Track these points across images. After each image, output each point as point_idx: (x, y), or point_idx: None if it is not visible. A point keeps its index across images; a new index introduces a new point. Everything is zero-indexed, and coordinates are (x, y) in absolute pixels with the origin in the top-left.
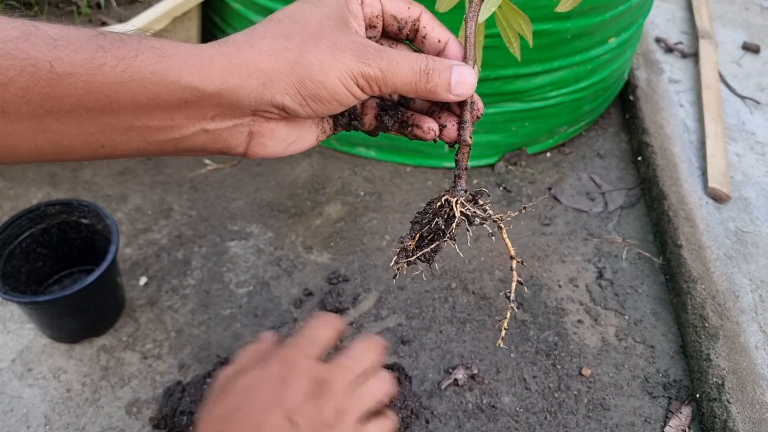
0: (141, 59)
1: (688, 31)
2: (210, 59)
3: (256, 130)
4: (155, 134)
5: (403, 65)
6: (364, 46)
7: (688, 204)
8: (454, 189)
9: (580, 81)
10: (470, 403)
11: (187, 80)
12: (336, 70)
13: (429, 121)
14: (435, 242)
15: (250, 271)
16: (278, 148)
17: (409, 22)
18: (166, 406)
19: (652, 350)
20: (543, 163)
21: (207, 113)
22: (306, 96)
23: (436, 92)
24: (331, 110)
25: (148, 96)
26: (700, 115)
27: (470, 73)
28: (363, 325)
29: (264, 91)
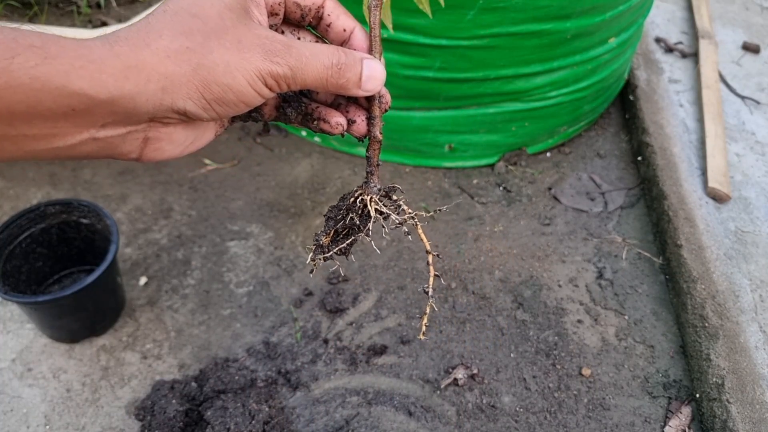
0: (19, 61)
1: (688, 31)
2: (101, 61)
3: (152, 136)
4: (34, 143)
5: (313, 61)
6: (271, 41)
7: (688, 204)
8: (367, 185)
9: (580, 81)
10: (470, 403)
11: (76, 86)
12: (243, 71)
13: (336, 115)
14: (350, 237)
15: (250, 271)
16: (175, 151)
17: (312, 10)
18: (148, 399)
19: (652, 350)
20: (543, 163)
21: (97, 121)
22: (210, 100)
23: (347, 87)
24: (236, 111)
25: (28, 104)
26: (700, 115)
27: (380, 67)
28: (363, 325)
29: (164, 96)
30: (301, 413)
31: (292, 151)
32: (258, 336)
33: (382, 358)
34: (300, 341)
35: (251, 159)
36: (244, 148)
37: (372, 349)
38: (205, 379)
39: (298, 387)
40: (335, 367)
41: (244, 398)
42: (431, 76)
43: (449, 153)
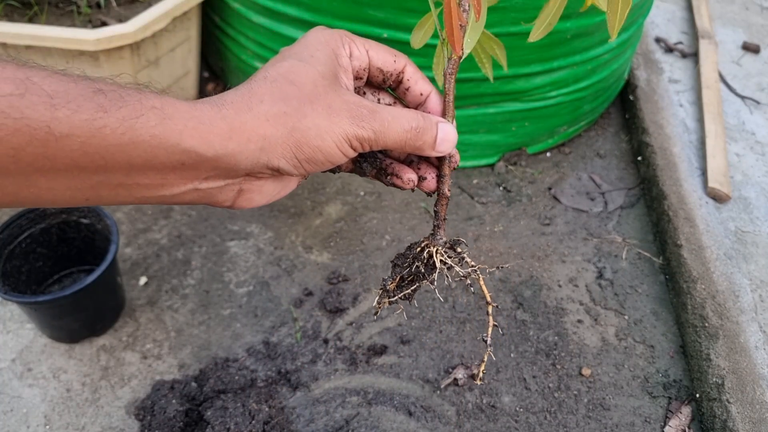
0: (142, 121)
1: (688, 30)
2: (210, 123)
3: (245, 188)
4: (144, 191)
5: (395, 125)
6: (358, 107)
7: (688, 204)
8: (434, 238)
9: (580, 81)
10: (470, 403)
11: (188, 144)
12: (332, 134)
13: (409, 172)
14: (415, 284)
15: (250, 271)
16: (263, 200)
17: (393, 74)
18: (148, 399)
19: (652, 350)
20: (543, 163)
21: (201, 174)
22: (302, 159)
23: (423, 149)
24: (323, 169)
25: (145, 158)
26: (700, 115)
27: (452, 130)
28: (363, 325)
29: (261, 155)
30: (301, 413)
31: None
32: (258, 336)
33: (382, 358)
34: (300, 341)
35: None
36: None
37: (372, 349)
38: (205, 379)
39: (298, 387)
40: (335, 367)
41: (244, 398)
42: (431, 76)
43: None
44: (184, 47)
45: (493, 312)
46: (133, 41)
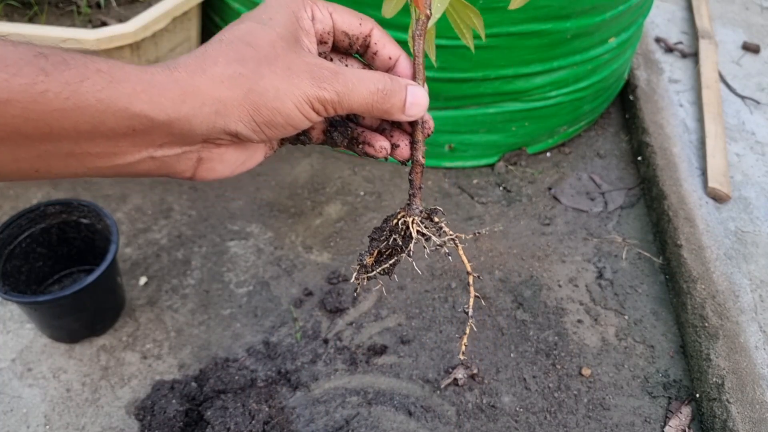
0: (87, 85)
1: (688, 30)
2: (161, 86)
3: (205, 156)
4: (96, 160)
5: (359, 87)
6: (319, 68)
7: (688, 204)
8: (410, 208)
9: (580, 81)
10: (470, 403)
11: (137, 108)
12: (291, 95)
13: (381, 140)
14: (393, 257)
15: (250, 271)
16: (226, 171)
17: (360, 38)
18: (148, 399)
19: (652, 350)
20: (543, 162)
21: (155, 141)
22: (260, 123)
23: (391, 113)
24: (285, 134)
25: (93, 124)
26: (700, 115)
27: (423, 93)
28: (363, 325)
29: (217, 119)
30: (301, 413)
31: (292, 150)
32: (258, 336)
33: (382, 358)
34: (300, 341)
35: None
36: None
37: (372, 349)
38: (205, 379)
39: (298, 387)
40: (335, 367)
41: (244, 398)
42: (431, 76)
43: (449, 153)
44: (184, 47)
45: (474, 283)
46: (133, 41)
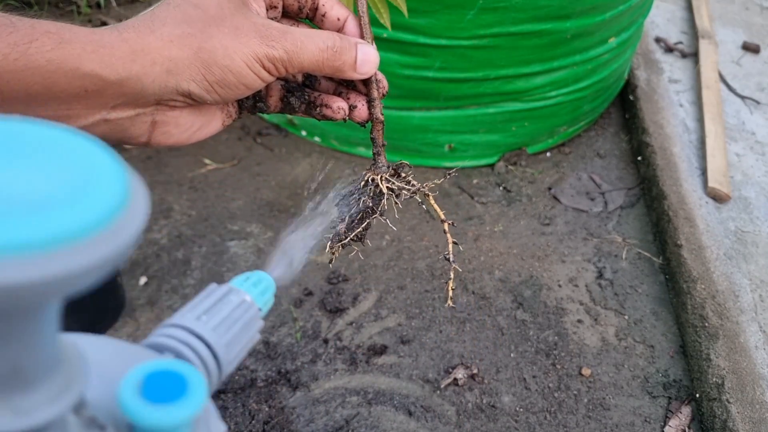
0: (36, 46)
1: (688, 30)
2: (111, 45)
3: (159, 119)
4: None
5: (308, 44)
6: (267, 27)
7: (688, 204)
8: (376, 166)
9: (580, 81)
10: (470, 403)
11: (88, 68)
12: (241, 54)
13: (338, 101)
14: (365, 221)
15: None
16: (183, 136)
17: (309, 1)
18: None
19: (652, 350)
20: (543, 162)
21: (108, 102)
22: (212, 82)
23: (343, 70)
24: (239, 94)
25: (44, 85)
26: (700, 115)
27: (373, 51)
28: (363, 325)
29: (168, 78)
30: (301, 413)
31: (292, 151)
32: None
33: (382, 358)
34: (300, 341)
35: (251, 159)
36: (244, 148)
37: (372, 348)
38: None
39: (298, 387)
40: (335, 367)
41: (243, 398)
42: (431, 76)
43: (449, 153)
44: None
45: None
46: None
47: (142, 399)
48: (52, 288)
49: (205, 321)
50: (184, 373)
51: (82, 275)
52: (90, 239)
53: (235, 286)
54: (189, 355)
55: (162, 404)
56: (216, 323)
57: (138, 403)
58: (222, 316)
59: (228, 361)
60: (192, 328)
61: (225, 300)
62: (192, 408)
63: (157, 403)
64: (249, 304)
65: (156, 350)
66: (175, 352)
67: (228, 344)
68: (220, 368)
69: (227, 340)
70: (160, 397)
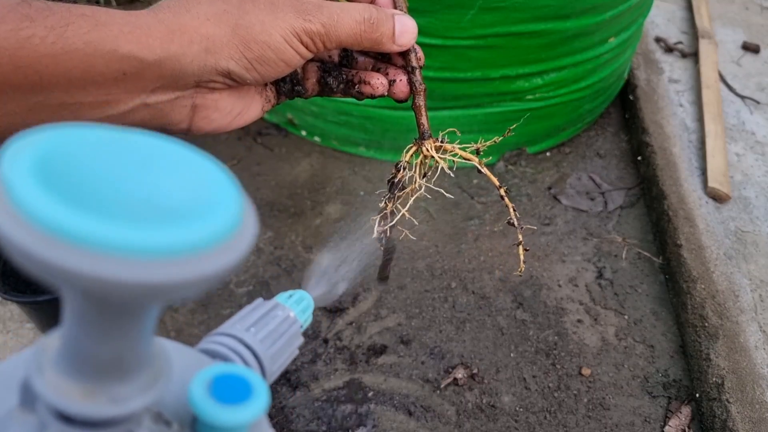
0: (73, 29)
1: (688, 30)
2: (147, 26)
3: (199, 103)
4: (90, 111)
5: (345, 17)
6: (302, 1)
7: (688, 204)
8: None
9: (580, 81)
10: (470, 403)
11: (125, 49)
12: (278, 28)
13: (378, 77)
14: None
15: (250, 271)
16: (224, 121)
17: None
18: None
19: (652, 350)
20: (543, 162)
21: (147, 86)
22: (251, 59)
23: (381, 42)
24: (278, 72)
25: (83, 69)
26: (700, 115)
27: (410, 21)
28: (363, 325)
29: (207, 57)
30: (300, 413)
31: (292, 150)
32: None
33: (381, 358)
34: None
35: (251, 158)
36: (244, 148)
37: (372, 348)
38: None
39: (297, 387)
40: (335, 367)
41: None
42: (431, 76)
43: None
44: None
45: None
46: None
47: (211, 398)
48: (174, 291)
49: (254, 332)
50: (249, 378)
51: (201, 282)
52: (215, 249)
53: (281, 302)
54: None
55: (230, 405)
56: (264, 335)
57: (208, 402)
58: (269, 329)
59: (271, 372)
60: (242, 337)
61: (271, 314)
62: (256, 410)
63: (225, 403)
64: (293, 320)
65: (209, 355)
66: (225, 359)
67: (273, 356)
68: (264, 378)
69: (273, 353)
70: (228, 398)
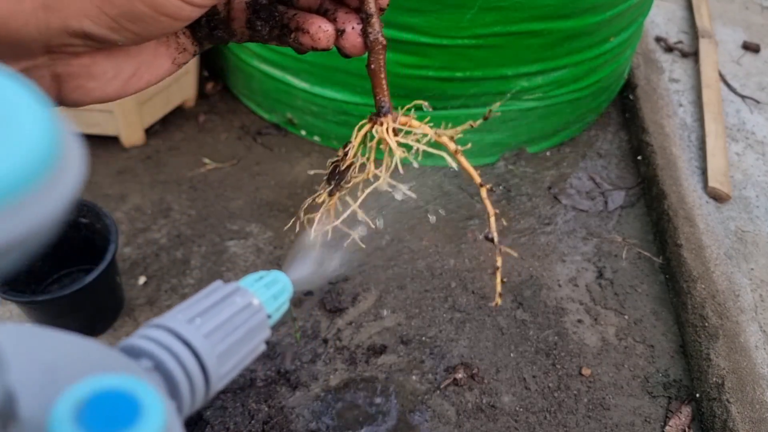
0: None
1: (688, 30)
2: None
3: (62, 72)
4: None
5: None
6: None
7: (688, 203)
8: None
9: (580, 80)
10: (470, 403)
11: None
12: None
13: (320, 21)
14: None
15: (250, 271)
16: (110, 89)
17: None
18: None
19: (652, 350)
20: (543, 162)
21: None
22: (116, 16)
23: None
24: (165, 28)
25: None
26: (700, 115)
27: None
28: (362, 325)
29: (49, 16)
30: (300, 413)
31: (292, 150)
32: None
33: (381, 358)
34: (299, 341)
35: (251, 158)
36: (244, 148)
37: (371, 348)
38: None
39: (297, 387)
40: (335, 367)
41: (243, 398)
42: (431, 76)
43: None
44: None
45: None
46: None
47: (78, 427)
48: None
49: (198, 325)
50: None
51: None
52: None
53: (244, 286)
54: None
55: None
56: (211, 328)
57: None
58: (220, 320)
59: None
60: (179, 331)
61: (227, 301)
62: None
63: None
64: (256, 309)
65: (132, 354)
66: (154, 360)
67: (222, 355)
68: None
69: (221, 350)
70: (103, 426)
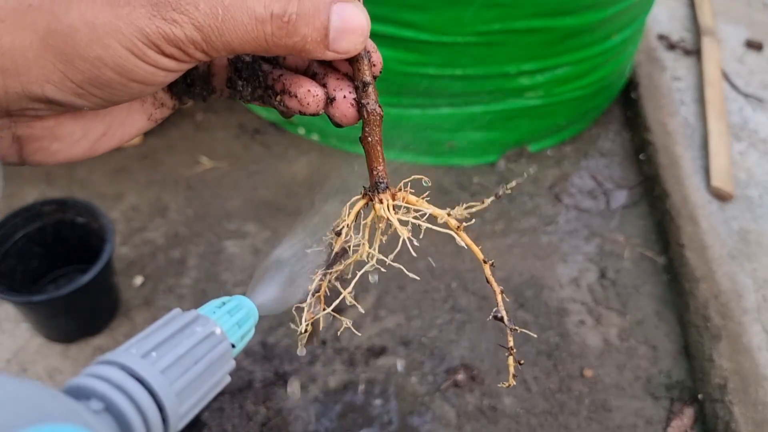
0: None
1: (691, 28)
2: None
3: (24, 134)
4: None
5: (236, 12)
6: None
7: (691, 203)
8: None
9: (582, 78)
10: (470, 404)
11: None
12: (118, 35)
13: (309, 83)
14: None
15: (247, 271)
16: (76, 150)
17: None
18: None
19: (655, 351)
20: (545, 161)
21: None
22: (81, 82)
23: (306, 49)
24: (136, 94)
25: None
26: (703, 113)
27: (358, 14)
28: (362, 326)
29: (7, 81)
30: (299, 414)
31: (290, 149)
32: (255, 337)
33: (380, 359)
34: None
35: (248, 157)
36: (241, 146)
37: (371, 350)
38: None
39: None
40: (333, 368)
41: (241, 399)
42: (432, 73)
43: (450, 151)
44: None
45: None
46: None
47: None
48: None
49: (153, 359)
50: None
51: None
52: None
53: (205, 314)
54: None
55: None
56: (168, 363)
57: None
58: (178, 353)
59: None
60: (132, 367)
61: (187, 331)
62: None
63: None
64: (218, 339)
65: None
66: (104, 401)
67: (181, 392)
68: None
69: (181, 387)
70: None
